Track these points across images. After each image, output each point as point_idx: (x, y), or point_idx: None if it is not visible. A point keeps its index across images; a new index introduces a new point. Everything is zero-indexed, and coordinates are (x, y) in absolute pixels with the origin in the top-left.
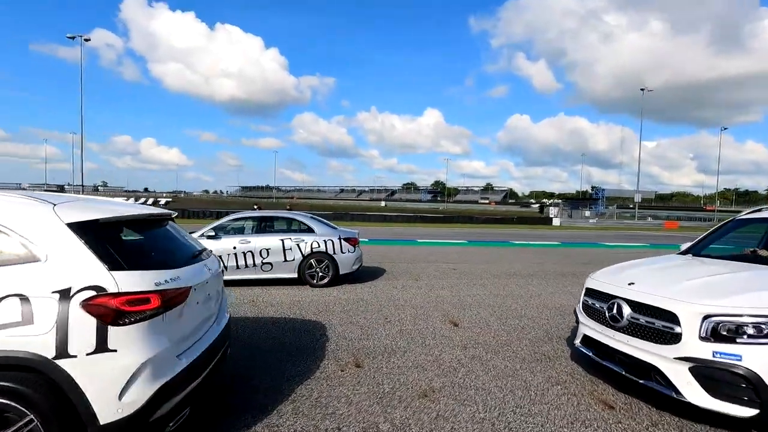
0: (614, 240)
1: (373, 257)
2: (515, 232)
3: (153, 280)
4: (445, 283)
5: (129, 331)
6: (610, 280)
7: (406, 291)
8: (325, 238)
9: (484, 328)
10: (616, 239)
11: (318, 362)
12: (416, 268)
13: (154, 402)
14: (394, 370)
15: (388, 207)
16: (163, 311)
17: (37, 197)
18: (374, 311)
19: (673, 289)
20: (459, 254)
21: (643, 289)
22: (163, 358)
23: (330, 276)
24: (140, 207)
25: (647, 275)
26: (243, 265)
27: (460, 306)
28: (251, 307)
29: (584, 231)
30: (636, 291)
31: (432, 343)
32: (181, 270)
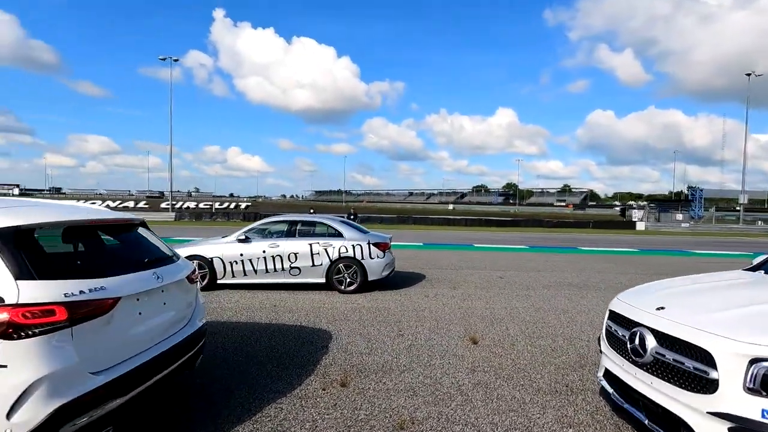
0: (708, 247)
1: (418, 263)
2: (587, 237)
3: (62, 291)
4: (483, 293)
5: (25, 345)
6: (636, 302)
7: (436, 300)
8: (354, 243)
9: (507, 347)
10: (710, 247)
11: (303, 378)
12: (459, 276)
13: (51, 422)
14: (380, 392)
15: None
16: (70, 325)
17: None
18: (391, 322)
19: (712, 318)
20: (513, 260)
21: (673, 316)
22: (66, 375)
23: (358, 282)
24: (94, 213)
25: (684, 297)
26: (272, 269)
27: (489, 320)
28: (268, 313)
29: (673, 237)
30: (664, 318)
31: (438, 362)
32: (108, 279)
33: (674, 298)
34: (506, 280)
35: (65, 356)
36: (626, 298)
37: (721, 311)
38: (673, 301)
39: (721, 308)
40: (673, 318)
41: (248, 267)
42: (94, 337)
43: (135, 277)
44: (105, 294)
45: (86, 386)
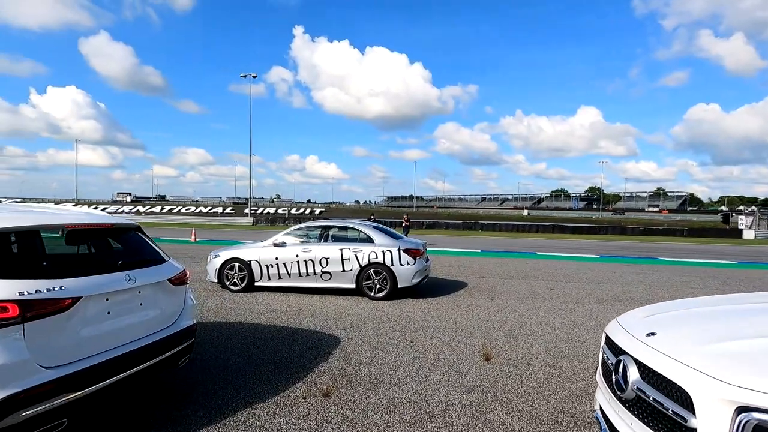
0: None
1: (465, 270)
2: (675, 247)
3: (17, 290)
4: (521, 306)
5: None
6: (631, 324)
7: (465, 311)
8: (384, 249)
9: (521, 367)
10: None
11: (290, 384)
12: (503, 285)
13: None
14: (359, 406)
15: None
16: (22, 321)
17: None
18: (408, 332)
19: (703, 351)
20: (575, 270)
21: (660, 345)
22: (15, 368)
23: (388, 289)
24: (74, 218)
25: (685, 322)
26: (305, 273)
27: (515, 335)
28: (290, 316)
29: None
30: (650, 347)
31: (435, 378)
32: (69, 280)
33: (672, 323)
34: (556, 292)
35: (15, 350)
36: (624, 319)
37: (719, 342)
38: (669, 326)
39: (721, 338)
40: (660, 347)
41: (282, 270)
42: (50, 334)
43: (102, 278)
44: (63, 294)
45: (35, 380)
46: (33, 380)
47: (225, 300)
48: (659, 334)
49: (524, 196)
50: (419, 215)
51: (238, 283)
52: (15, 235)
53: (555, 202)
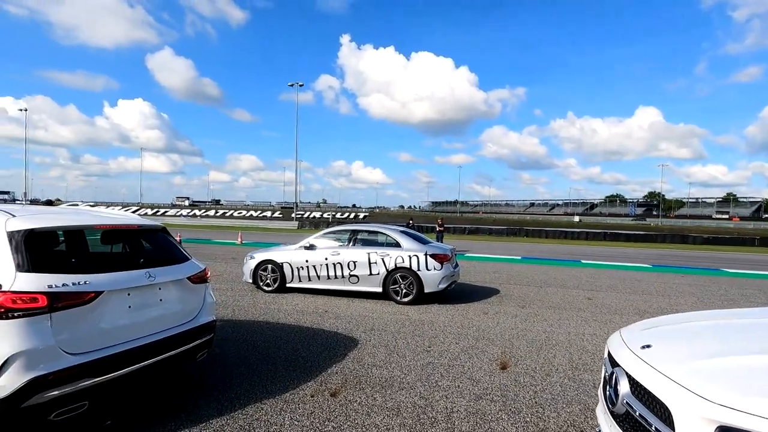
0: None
1: (500, 277)
2: (744, 258)
3: (47, 283)
4: (552, 315)
5: (9, 324)
6: (630, 336)
7: (491, 319)
8: (410, 254)
9: (538, 377)
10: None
11: (301, 382)
12: (538, 294)
13: (24, 391)
14: (364, 407)
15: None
16: (49, 311)
17: (5, 210)
18: (426, 336)
19: (690, 366)
20: (619, 280)
21: (651, 358)
22: (41, 353)
23: (414, 293)
24: (105, 219)
25: (680, 336)
26: (333, 276)
27: (539, 345)
28: (315, 317)
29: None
30: (641, 360)
31: (446, 384)
32: (94, 276)
33: (670, 336)
34: (594, 302)
35: (42, 337)
36: (626, 331)
37: (711, 358)
38: (665, 338)
39: (714, 354)
40: (650, 360)
41: (312, 273)
42: (74, 324)
43: (124, 275)
44: (87, 288)
45: (59, 364)
46: (57, 364)
47: (257, 300)
48: (654, 347)
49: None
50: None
51: (270, 284)
52: (47, 235)
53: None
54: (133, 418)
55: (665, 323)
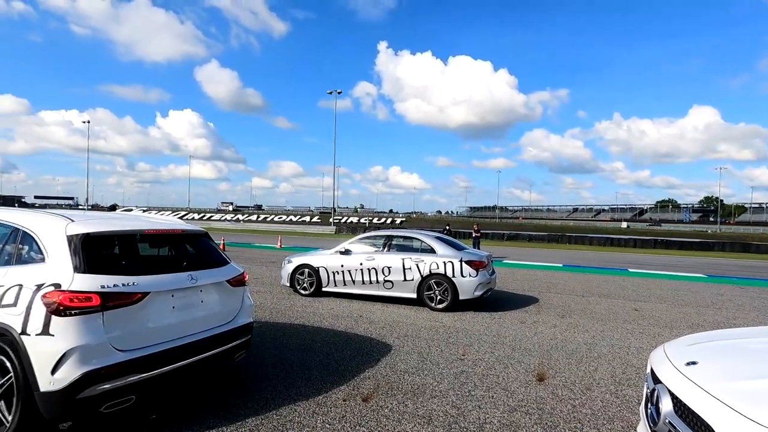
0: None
1: (540, 285)
2: None
3: (100, 283)
4: (595, 326)
5: (67, 321)
6: (674, 351)
7: (528, 328)
8: (445, 260)
9: (578, 391)
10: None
11: (334, 386)
12: (580, 303)
13: (79, 383)
14: (395, 414)
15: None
16: (101, 309)
17: (65, 215)
18: (461, 344)
19: (741, 386)
20: (671, 291)
21: (697, 376)
22: (94, 349)
23: (449, 300)
24: (156, 225)
25: (729, 353)
26: (368, 281)
27: (579, 357)
28: (349, 322)
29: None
30: (686, 377)
31: (479, 394)
32: (141, 277)
33: (718, 353)
34: (642, 314)
35: (95, 333)
36: (670, 345)
37: (763, 378)
38: (713, 355)
39: (760, 373)
40: (696, 378)
41: (347, 277)
42: (123, 321)
43: (169, 277)
44: (135, 289)
45: (110, 360)
46: (108, 360)
47: (294, 303)
48: (700, 364)
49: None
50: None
51: (307, 287)
52: (101, 239)
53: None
54: (176, 413)
55: (714, 338)
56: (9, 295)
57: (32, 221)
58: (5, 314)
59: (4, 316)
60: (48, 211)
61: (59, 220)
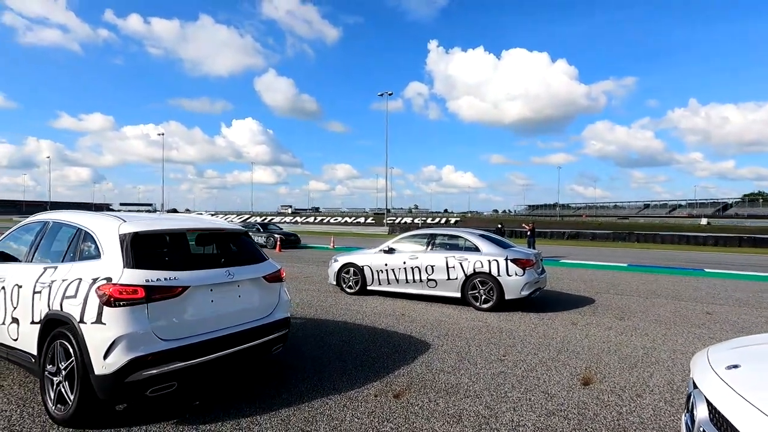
0: None
1: (599, 285)
2: None
3: (145, 277)
4: (656, 330)
5: (117, 311)
6: (716, 355)
7: (580, 330)
8: (490, 258)
9: (627, 398)
10: None
11: (367, 382)
12: (642, 305)
13: (127, 368)
14: (425, 411)
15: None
16: (146, 301)
17: (119, 216)
18: (503, 345)
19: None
20: (753, 294)
21: (736, 381)
22: (140, 337)
23: (494, 300)
24: (197, 223)
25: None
26: (411, 279)
27: (633, 361)
28: (390, 320)
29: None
30: (724, 382)
31: (516, 396)
32: (182, 272)
33: (762, 356)
34: (714, 318)
35: (140, 323)
36: (714, 348)
37: None
38: (758, 359)
39: None
40: (733, 383)
41: (391, 276)
42: (165, 313)
43: (208, 272)
44: (176, 283)
45: (154, 347)
46: (152, 347)
47: (339, 301)
48: (742, 368)
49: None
50: (562, 225)
51: (352, 286)
52: (148, 237)
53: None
54: (217, 401)
55: (764, 341)
56: (71, 288)
57: (92, 222)
58: (68, 304)
59: (67, 306)
60: (106, 213)
61: (114, 220)
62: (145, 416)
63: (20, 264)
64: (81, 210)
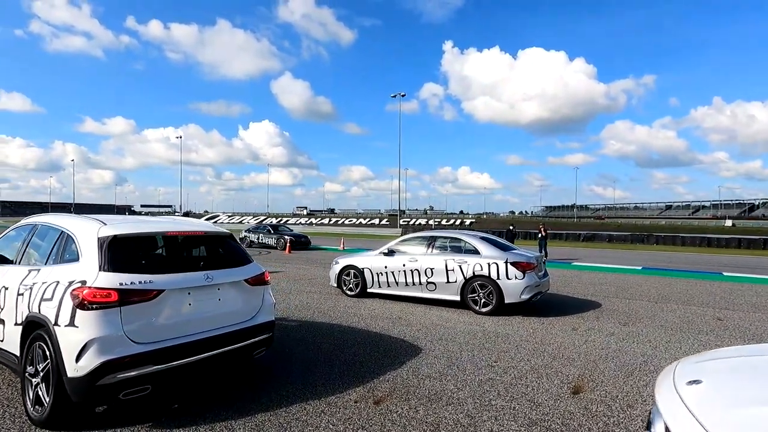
0: None
1: (606, 289)
2: None
3: (118, 281)
4: (660, 336)
5: (89, 315)
6: (683, 368)
7: (579, 336)
8: (489, 261)
9: (616, 407)
10: None
11: (351, 387)
12: (649, 310)
13: (99, 371)
14: (402, 419)
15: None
16: (119, 305)
17: (100, 219)
18: (496, 351)
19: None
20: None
21: (693, 399)
22: (112, 340)
23: (494, 303)
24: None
25: (748, 369)
26: (411, 282)
27: (630, 370)
28: (385, 323)
29: None
30: (680, 401)
31: (500, 404)
32: (157, 276)
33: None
34: (724, 324)
35: (113, 326)
36: (685, 361)
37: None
38: (721, 374)
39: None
40: (691, 401)
41: (391, 279)
42: (140, 316)
43: (186, 276)
44: (151, 286)
45: (127, 351)
46: (125, 350)
47: (338, 304)
48: (704, 383)
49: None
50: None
51: (353, 288)
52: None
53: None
54: (195, 404)
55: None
56: (49, 290)
57: (74, 225)
58: (45, 307)
59: (44, 309)
60: (89, 216)
61: (94, 223)
62: (120, 418)
63: (9, 266)
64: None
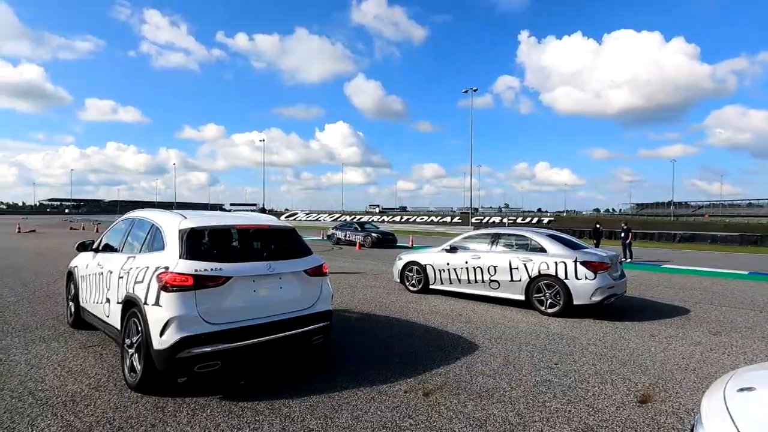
0: None
1: (698, 295)
2: None
3: (194, 267)
4: (758, 348)
5: (170, 296)
6: (740, 377)
7: (658, 343)
8: (557, 260)
9: (689, 422)
10: None
11: (402, 378)
12: (748, 320)
13: (178, 345)
14: (449, 412)
15: None
16: (194, 288)
17: (182, 214)
18: (558, 353)
19: None
20: None
21: (741, 406)
22: (189, 319)
23: (561, 304)
24: (247, 220)
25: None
26: (473, 280)
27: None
28: (444, 319)
29: None
30: (725, 407)
31: (555, 406)
32: (226, 264)
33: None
34: None
35: (189, 307)
36: (743, 369)
37: None
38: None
39: None
40: (735, 408)
41: (453, 276)
42: (211, 299)
43: (250, 265)
44: (220, 273)
45: (200, 329)
46: (199, 329)
47: (400, 299)
48: (757, 391)
49: None
50: (676, 225)
51: (415, 284)
52: (202, 232)
53: None
54: (259, 383)
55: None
56: (140, 274)
57: (162, 219)
58: (138, 288)
59: (137, 290)
60: (174, 211)
61: (177, 217)
62: (197, 390)
63: (115, 254)
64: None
